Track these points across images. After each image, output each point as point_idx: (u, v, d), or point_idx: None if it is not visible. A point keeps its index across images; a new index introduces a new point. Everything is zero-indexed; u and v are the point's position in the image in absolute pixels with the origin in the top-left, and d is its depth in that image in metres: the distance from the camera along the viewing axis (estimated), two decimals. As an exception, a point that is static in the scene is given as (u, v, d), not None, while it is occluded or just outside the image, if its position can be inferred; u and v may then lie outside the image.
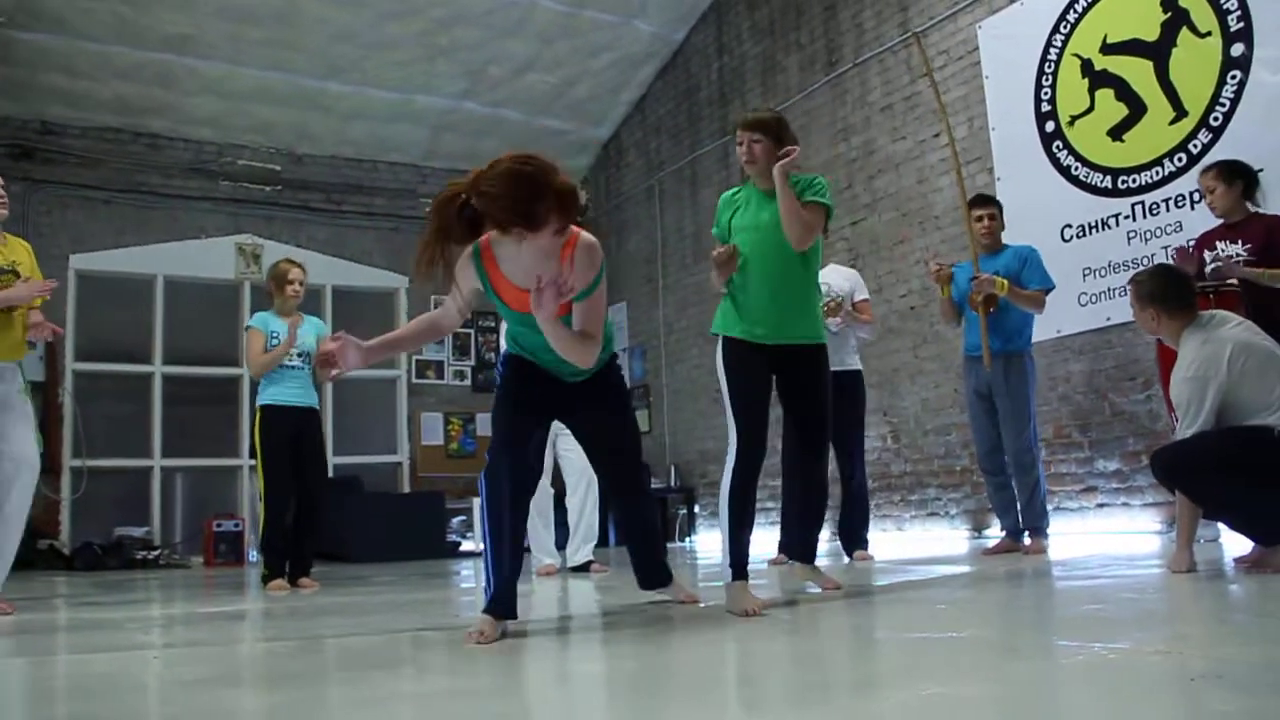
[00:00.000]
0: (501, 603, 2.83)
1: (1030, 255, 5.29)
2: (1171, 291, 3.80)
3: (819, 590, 3.72)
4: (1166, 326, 3.80)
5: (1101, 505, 6.18)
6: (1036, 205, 6.50)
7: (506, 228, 2.75)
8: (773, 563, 5.48)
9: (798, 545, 3.83)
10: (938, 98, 5.84)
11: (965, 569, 4.60)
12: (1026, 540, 5.20)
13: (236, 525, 9.16)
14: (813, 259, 3.53)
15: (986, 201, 5.49)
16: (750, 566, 3.29)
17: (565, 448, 5.83)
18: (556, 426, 5.61)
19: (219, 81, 9.59)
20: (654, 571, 3.60)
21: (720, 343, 3.48)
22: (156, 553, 8.89)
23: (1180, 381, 3.65)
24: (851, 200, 8.22)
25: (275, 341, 5.54)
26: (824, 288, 5.53)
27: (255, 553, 8.73)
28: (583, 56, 10.32)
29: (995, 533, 6.07)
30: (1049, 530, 5.24)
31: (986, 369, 5.19)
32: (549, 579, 5.36)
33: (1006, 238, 5.58)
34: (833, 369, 5.32)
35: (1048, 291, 5.22)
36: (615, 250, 11.07)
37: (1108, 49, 6.33)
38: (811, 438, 3.54)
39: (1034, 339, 5.62)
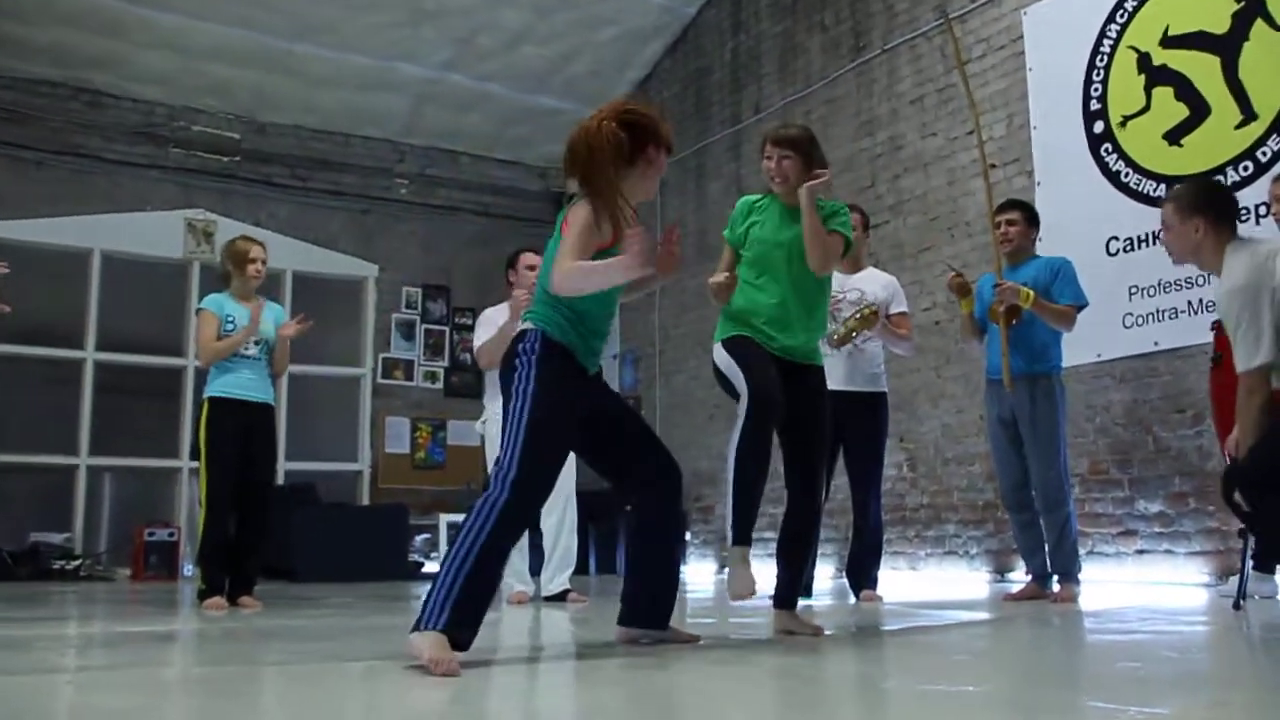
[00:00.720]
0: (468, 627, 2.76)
1: (1063, 267, 5.29)
2: (1219, 199, 3.73)
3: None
4: (1211, 243, 3.63)
5: (1141, 552, 6.16)
6: (1080, 214, 6.51)
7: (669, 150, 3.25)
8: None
9: (782, 588, 3.78)
10: (967, 90, 5.85)
11: (985, 615, 4.59)
12: (1055, 587, 5.19)
13: (171, 534, 9.10)
14: (827, 285, 3.84)
15: (1011, 206, 5.50)
16: (751, 605, 3.28)
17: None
18: None
19: (175, 35, 9.55)
20: (659, 609, 3.39)
21: (722, 342, 3.68)
22: (77, 563, 8.79)
23: (1228, 293, 3.50)
24: (874, 201, 8.21)
25: (230, 327, 5.51)
26: (857, 294, 5.54)
27: (191, 566, 8.68)
28: (583, 29, 10.32)
29: (1020, 577, 6.06)
30: (1080, 576, 5.22)
31: (1008, 390, 5.18)
32: (520, 608, 5.33)
33: (1043, 250, 5.57)
34: (858, 389, 5.59)
35: (1080, 308, 5.21)
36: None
37: (1169, 42, 6.34)
38: (805, 469, 3.67)
39: (1071, 362, 5.61)
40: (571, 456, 5.81)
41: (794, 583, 3.79)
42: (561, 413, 2.98)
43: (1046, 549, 5.22)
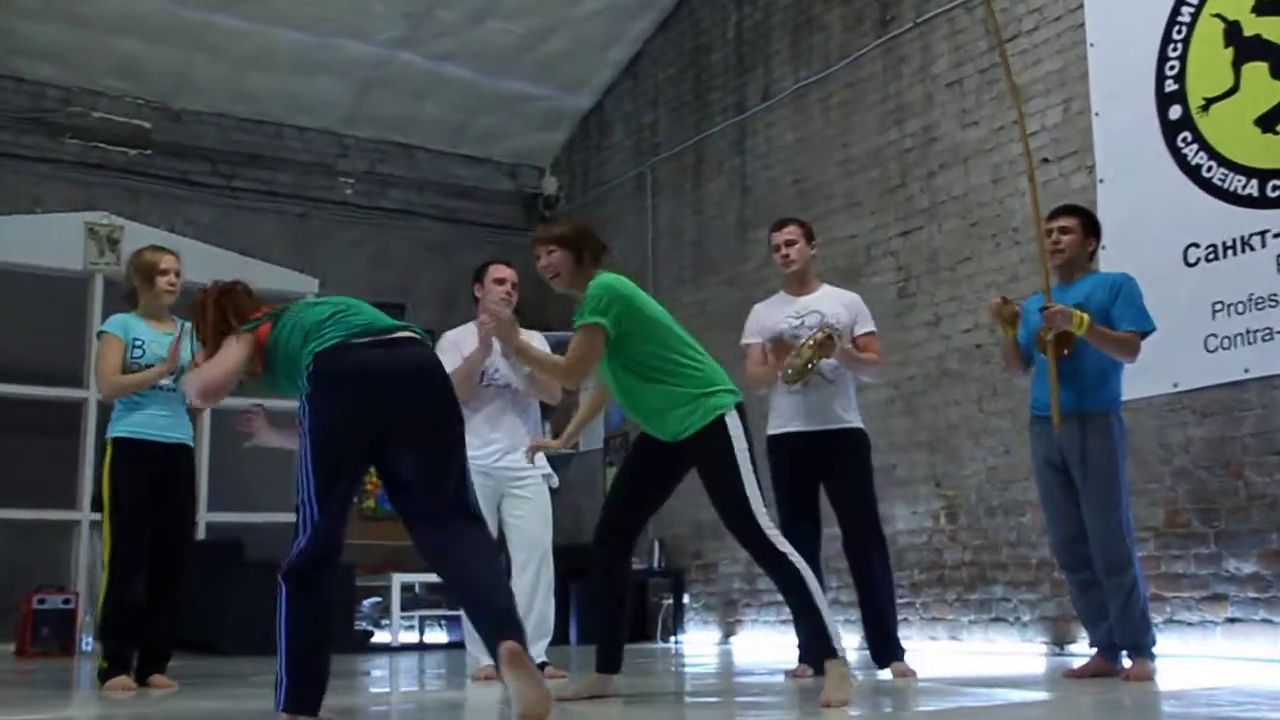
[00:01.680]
0: None
1: (1124, 285, 5.24)
2: None
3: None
4: None
5: (1233, 620, 6.10)
6: (1151, 216, 6.48)
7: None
8: (792, 674, 5.45)
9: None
10: (1008, 73, 5.83)
11: (1041, 695, 4.56)
12: (1125, 661, 5.12)
13: (66, 601, 8.99)
14: (638, 371, 4.32)
15: (1064, 212, 5.47)
16: (760, 681, 3.25)
17: (515, 513, 5.72)
18: (507, 485, 5.57)
19: (69, 2, 9.50)
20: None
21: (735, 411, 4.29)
22: (-51, 637, 8.67)
23: None
24: (904, 203, 8.18)
25: (139, 354, 5.47)
26: (816, 317, 5.57)
27: (91, 639, 8.55)
28: (558, 1, 10.30)
29: (1082, 649, 5.99)
30: (1155, 650, 5.15)
31: (1056, 431, 5.13)
32: (487, 685, 5.25)
33: (1107, 260, 5.54)
34: (825, 427, 5.63)
35: (1144, 335, 5.17)
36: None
37: (1264, 7, 6.30)
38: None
39: (1141, 393, 5.59)
40: (546, 508, 5.81)
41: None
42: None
43: (1111, 616, 5.16)
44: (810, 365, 5.38)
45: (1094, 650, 5.27)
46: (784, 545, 4.12)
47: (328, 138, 11.20)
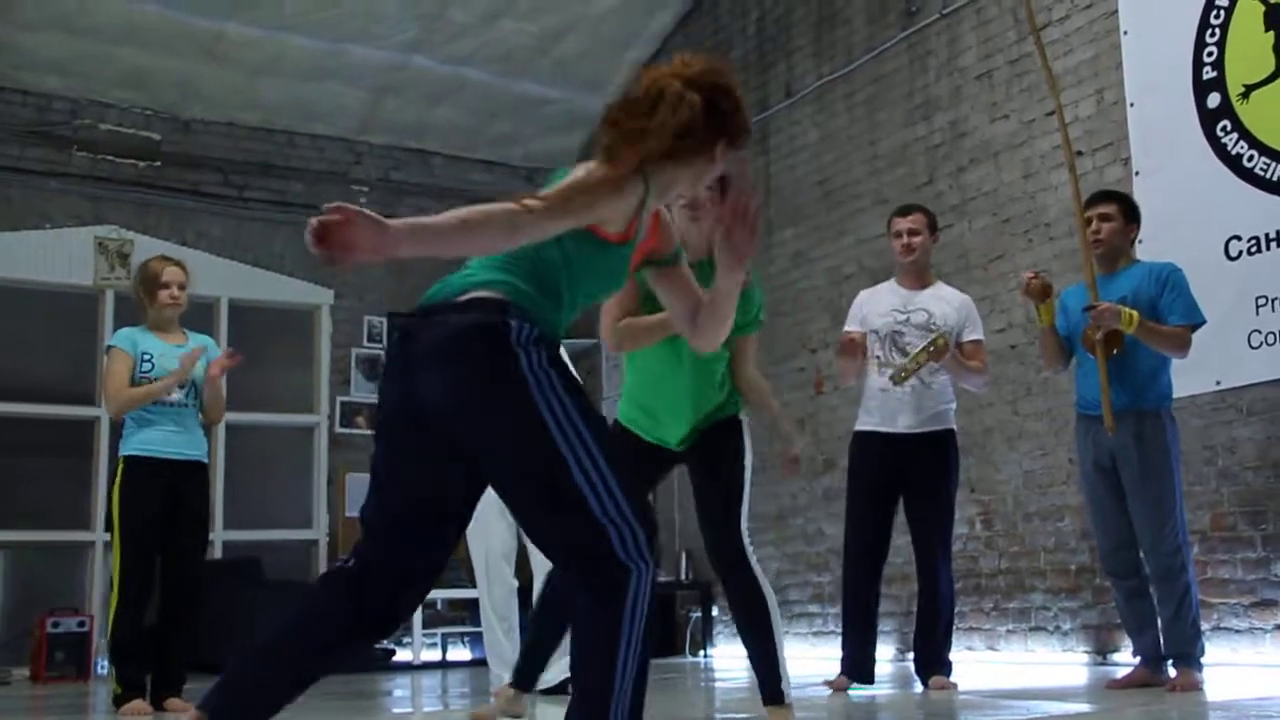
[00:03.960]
0: None
1: (1171, 276, 5.23)
2: None
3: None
4: None
5: (1283, 627, 6.04)
6: (1191, 209, 6.42)
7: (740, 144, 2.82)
8: (832, 685, 5.55)
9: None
10: (1044, 61, 5.78)
11: (1084, 708, 4.59)
12: (1171, 671, 5.11)
13: (81, 624, 9.02)
14: None
15: (1102, 198, 5.44)
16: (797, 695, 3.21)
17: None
18: None
19: (75, 13, 9.51)
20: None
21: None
22: (-38, 662, 8.72)
23: None
24: (933, 200, 8.12)
25: (148, 368, 5.48)
26: (923, 315, 5.56)
27: (106, 663, 8.58)
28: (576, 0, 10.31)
29: (1127, 658, 5.95)
30: (1203, 659, 5.13)
31: (1109, 433, 5.10)
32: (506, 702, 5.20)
33: (1145, 254, 5.49)
34: (922, 429, 5.58)
35: (1194, 328, 5.14)
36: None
37: (1307, -11, 6.26)
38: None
39: (1183, 392, 5.52)
40: None
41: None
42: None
43: (1160, 624, 5.13)
44: (918, 368, 5.41)
45: (1138, 660, 5.25)
46: (759, 567, 4.08)
47: (341, 145, 11.20)
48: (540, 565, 5.74)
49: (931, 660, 5.56)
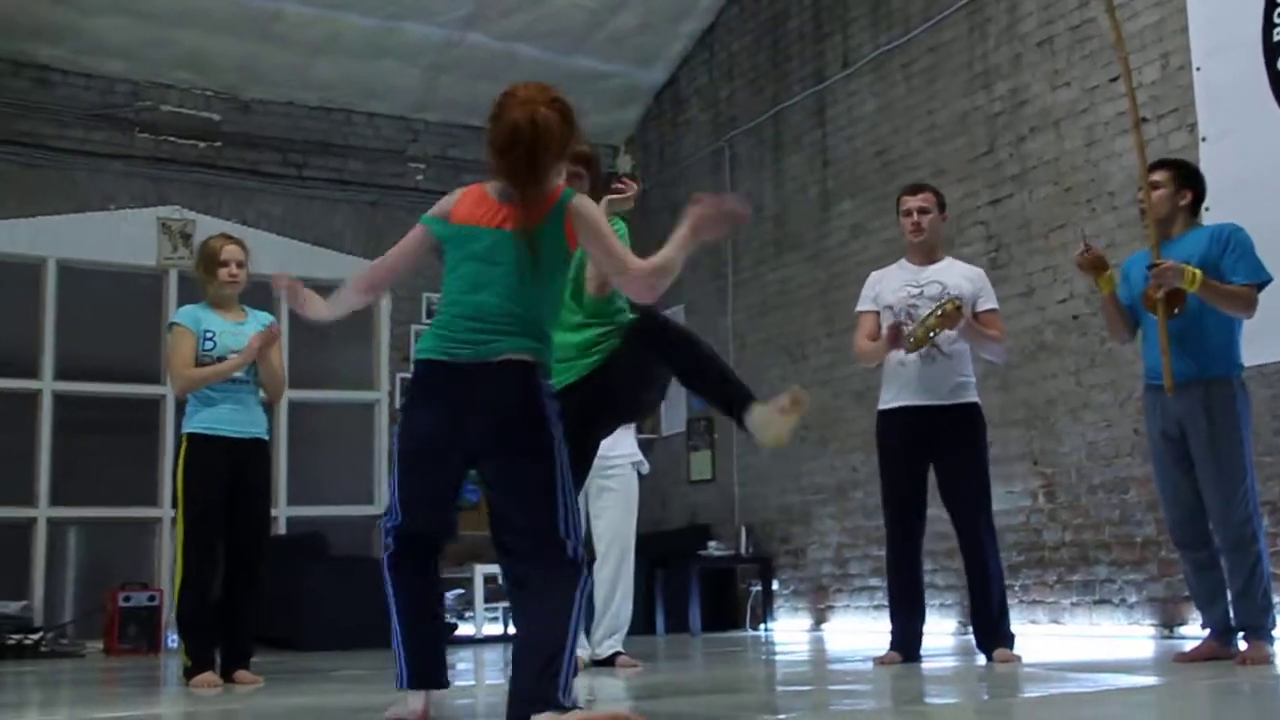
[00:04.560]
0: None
1: (1234, 236, 5.14)
2: None
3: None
4: None
5: (1352, 597, 5.96)
6: (1260, 174, 6.33)
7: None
8: (881, 661, 5.48)
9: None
10: (1114, 24, 5.69)
11: (1151, 680, 4.52)
12: (1241, 644, 5.04)
13: (152, 599, 9.16)
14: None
15: (1155, 167, 5.37)
16: (853, 669, 3.21)
17: (600, 503, 5.78)
18: (595, 473, 5.54)
19: (137, -3, 9.63)
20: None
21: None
22: (37, 636, 8.84)
23: None
24: (993, 170, 8.08)
25: (210, 345, 5.52)
26: (936, 287, 5.57)
27: (175, 635, 8.72)
28: (629, -27, 10.30)
29: (1195, 631, 5.92)
30: (1274, 631, 5.08)
31: (1169, 394, 5.03)
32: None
33: (1213, 221, 5.41)
34: (943, 401, 5.57)
35: (1261, 286, 5.05)
36: (669, 234, 10.99)
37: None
38: None
39: (1256, 360, 5.44)
40: (632, 498, 5.86)
41: None
42: None
43: (1229, 596, 5.08)
44: (932, 334, 5.37)
45: (1207, 632, 5.19)
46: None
47: (398, 123, 11.26)
48: (601, 540, 5.81)
49: (992, 634, 5.51)
